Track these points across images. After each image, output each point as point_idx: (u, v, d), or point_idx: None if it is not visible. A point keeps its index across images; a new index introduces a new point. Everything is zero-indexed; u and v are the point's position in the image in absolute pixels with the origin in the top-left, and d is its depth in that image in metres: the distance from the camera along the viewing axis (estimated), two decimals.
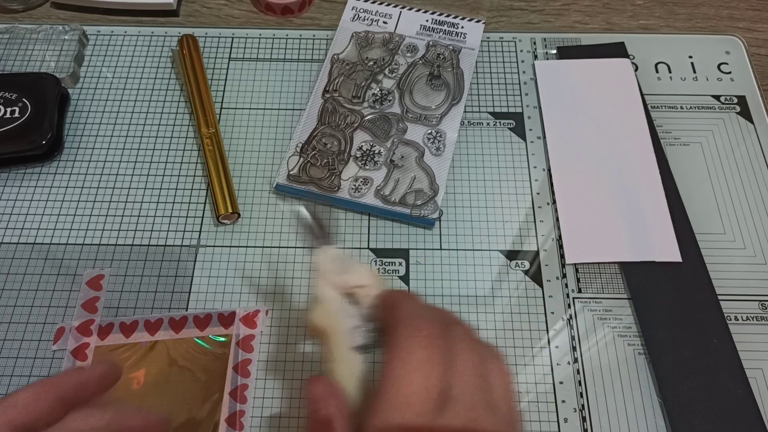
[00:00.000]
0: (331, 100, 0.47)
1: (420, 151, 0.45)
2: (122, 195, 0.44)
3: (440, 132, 0.46)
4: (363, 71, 0.48)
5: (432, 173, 0.44)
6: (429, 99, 0.47)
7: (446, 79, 0.48)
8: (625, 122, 0.47)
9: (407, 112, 0.47)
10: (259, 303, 0.40)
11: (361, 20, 0.51)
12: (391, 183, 0.43)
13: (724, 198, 0.44)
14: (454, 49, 0.50)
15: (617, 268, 0.42)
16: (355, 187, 0.43)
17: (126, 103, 0.48)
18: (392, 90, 0.47)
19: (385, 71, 0.49)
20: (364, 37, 0.50)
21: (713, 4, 0.55)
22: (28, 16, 0.53)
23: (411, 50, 0.50)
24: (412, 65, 0.49)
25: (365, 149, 0.45)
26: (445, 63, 0.49)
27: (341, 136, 0.45)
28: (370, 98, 0.47)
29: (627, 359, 0.39)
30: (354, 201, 0.43)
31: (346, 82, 0.48)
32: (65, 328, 0.39)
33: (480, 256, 0.42)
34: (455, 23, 0.51)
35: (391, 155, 0.45)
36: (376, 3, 0.52)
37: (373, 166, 0.44)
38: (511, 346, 0.39)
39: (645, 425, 0.37)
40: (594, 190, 0.44)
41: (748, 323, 0.40)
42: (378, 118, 0.46)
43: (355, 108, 0.47)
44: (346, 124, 0.46)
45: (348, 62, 0.49)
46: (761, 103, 0.48)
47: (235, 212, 0.43)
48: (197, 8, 0.54)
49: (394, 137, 0.45)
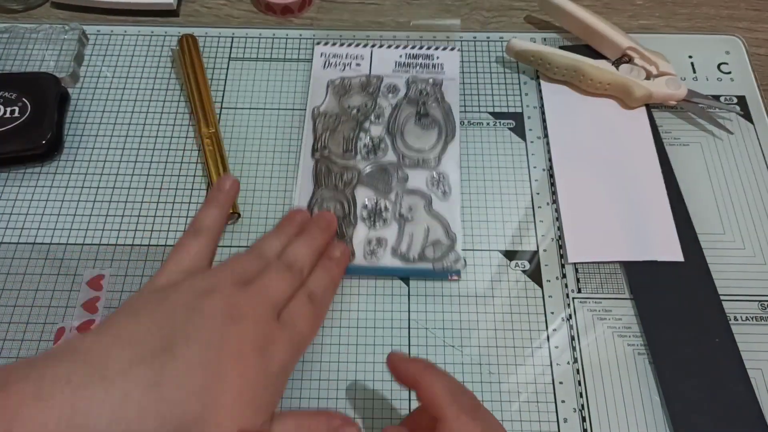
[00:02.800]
0: (323, 159, 0.45)
1: (427, 198, 0.43)
2: (122, 195, 0.44)
3: (442, 174, 0.44)
4: (348, 122, 0.46)
5: (445, 221, 0.42)
6: (422, 140, 0.45)
7: (435, 116, 0.46)
8: (627, 121, 0.47)
9: (404, 158, 0.45)
10: None
11: (333, 66, 0.49)
12: (405, 239, 0.41)
13: (723, 198, 0.44)
14: (435, 82, 0.48)
15: (617, 268, 0.42)
16: (370, 251, 0.41)
17: (126, 103, 0.48)
18: (383, 137, 0.45)
19: (370, 118, 0.46)
20: (341, 84, 0.48)
21: (713, 4, 0.55)
22: (28, 16, 0.53)
23: (392, 90, 0.47)
24: (397, 107, 0.47)
25: (370, 207, 0.43)
26: (430, 99, 0.47)
27: (342, 198, 0.43)
28: (362, 150, 0.45)
29: (627, 359, 0.39)
30: (372, 267, 0.41)
31: (333, 137, 0.45)
32: (65, 329, 0.39)
33: (480, 255, 0.42)
34: (430, 54, 0.49)
35: (398, 208, 0.43)
36: (344, 45, 0.50)
37: (383, 224, 0.42)
38: (510, 346, 0.39)
39: (645, 425, 0.37)
40: (596, 189, 0.44)
41: (748, 323, 0.40)
42: (376, 171, 0.44)
43: (349, 163, 0.44)
44: (344, 183, 0.43)
45: (330, 114, 0.46)
46: (761, 103, 0.48)
47: (235, 212, 0.43)
48: (197, 8, 0.54)
49: (396, 189, 0.43)
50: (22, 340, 0.39)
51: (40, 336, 0.39)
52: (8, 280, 0.41)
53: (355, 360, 0.39)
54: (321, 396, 0.37)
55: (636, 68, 0.47)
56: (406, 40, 0.51)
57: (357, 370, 0.38)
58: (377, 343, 0.39)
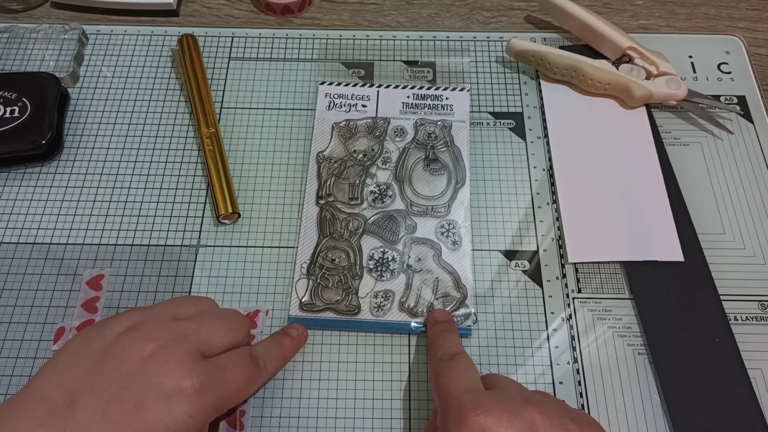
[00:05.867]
0: (327, 206, 0.43)
1: (436, 249, 0.41)
2: (122, 195, 0.44)
3: (452, 223, 0.42)
4: (354, 167, 0.44)
5: (455, 272, 0.41)
6: (431, 187, 0.44)
7: (444, 160, 0.45)
8: (627, 121, 0.47)
9: (412, 206, 0.43)
10: (259, 303, 0.40)
11: (338, 107, 0.47)
12: (413, 293, 0.40)
13: (723, 198, 0.44)
14: (444, 125, 0.46)
15: (617, 268, 0.42)
16: (377, 305, 0.40)
17: (126, 103, 0.48)
18: (390, 183, 0.44)
19: (377, 162, 0.45)
20: (346, 127, 0.46)
21: (713, 4, 0.55)
22: (28, 16, 0.53)
23: (399, 134, 0.46)
24: (405, 151, 0.45)
25: (377, 258, 0.41)
26: (439, 142, 0.45)
27: (348, 247, 0.41)
28: (369, 197, 0.43)
29: (627, 359, 0.39)
30: (379, 322, 0.39)
31: (338, 183, 0.44)
32: (65, 328, 0.39)
33: (479, 255, 0.42)
34: (439, 95, 0.48)
35: (406, 259, 0.41)
36: (349, 86, 0.48)
37: (390, 275, 0.41)
38: (510, 346, 0.39)
39: (645, 425, 0.37)
40: (596, 189, 0.44)
41: (748, 323, 0.40)
42: (383, 219, 0.42)
43: (355, 211, 0.43)
44: (350, 232, 0.42)
45: (335, 159, 0.45)
46: (761, 103, 0.48)
47: (235, 212, 0.43)
48: (197, 8, 0.54)
49: (404, 238, 0.42)
50: (21, 340, 0.39)
51: (40, 336, 0.39)
52: (8, 280, 0.41)
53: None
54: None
55: (636, 68, 0.47)
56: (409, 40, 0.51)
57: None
58: (374, 343, 0.39)
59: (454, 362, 0.32)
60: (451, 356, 0.33)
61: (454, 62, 0.50)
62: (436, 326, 0.37)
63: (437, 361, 0.33)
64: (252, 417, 0.37)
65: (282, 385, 0.38)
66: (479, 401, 0.28)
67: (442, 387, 0.31)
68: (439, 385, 0.31)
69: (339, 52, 0.51)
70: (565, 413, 0.29)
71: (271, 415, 0.37)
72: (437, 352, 0.34)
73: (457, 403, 0.29)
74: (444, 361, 0.33)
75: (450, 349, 0.34)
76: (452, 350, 0.34)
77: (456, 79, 0.49)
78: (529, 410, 0.28)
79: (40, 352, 0.39)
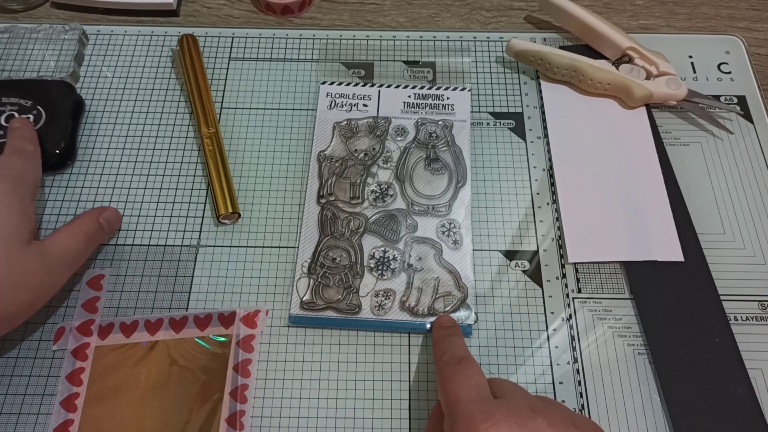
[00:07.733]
0: (328, 205, 0.43)
1: (437, 248, 0.42)
2: (122, 195, 0.44)
3: (453, 222, 0.43)
4: (355, 166, 0.44)
5: (456, 272, 0.41)
6: (432, 186, 0.44)
7: (445, 160, 0.45)
8: (627, 121, 0.47)
9: (413, 205, 0.43)
10: (259, 303, 0.40)
11: (339, 107, 0.47)
12: (414, 291, 0.40)
13: (723, 198, 0.44)
14: (446, 124, 0.46)
15: (617, 268, 0.42)
16: (378, 304, 0.40)
17: (126, 103, 0.48)
18: (391, 182, 0.44)
19: (378, 162, 0.45)
20: (347, 126, 0.46)
21: (713, 4, 0.55)
22: (28, 16, 0.53)
23: (400, 133, 0.46)
24: (406, 150, 0.45)
25: (378, 257, 0.41)
26: (440, 142, 0.45)
27: (349, 246, 0.41)
28: (370, 196, 0.43)
29: (627, 359, 0.39)
30: (380, 321, 0.39)
31: (339, 182, 0.44)
32: (65, 328, 0.39)
33: (479, 255, 0.42)
34: (440, 95, 0.48)
35: (407, 258, 0.41)
36: (350, 85, 0.48)
37: (391, 274, 0.41)
38: (510, 346, 0.39)
39: (645, 425, 0.37)
40: (596, 189, 0.44)
41: (748, 323, 0.40)
42: (384, 218, 0.42)
43: (356, 210, 0.43)
44: (351, 230, 0.42)
45: (336, 158, 0.45)
46: (761, 103, 0.48)
47: (235, 212, 0.43)
48: (197, 8, 0.54)
49: (405, 237, 0.42)
50: (21, 340, 0.39)
51: (40, 336, 0.39)
52: None
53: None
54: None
55: (636, 68, 0.47)
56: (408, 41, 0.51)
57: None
58: (374, 343, 0.39)
59: (462, 367, 0.32)
60: (458, 360, 0.33)
61: (454, 62, 0.50)
62: (441, 330, 0.37)
63: (444, 365, 0.33)
64: (252, 417, 0.37)
65: (282, 385, 0.38)
66: (488, 412, 0.28)
67: (450, 392, 0.31)
68: (446, 390, 0.31)
69: (339, 53, 0.51)
70: (569, 421, 0.29)
71: (271, 415, 0.37)
72: (443, 356, 0.34)
73: (466, 413, 0.29)
74: (451, 365, 0.33)
75: (456, 352, 0.34)
76: (459, 354, 0.34)
77: (456, 80, 0.49)
78: (538, 421, 0.28)
79: (40, 352, 0.39)
